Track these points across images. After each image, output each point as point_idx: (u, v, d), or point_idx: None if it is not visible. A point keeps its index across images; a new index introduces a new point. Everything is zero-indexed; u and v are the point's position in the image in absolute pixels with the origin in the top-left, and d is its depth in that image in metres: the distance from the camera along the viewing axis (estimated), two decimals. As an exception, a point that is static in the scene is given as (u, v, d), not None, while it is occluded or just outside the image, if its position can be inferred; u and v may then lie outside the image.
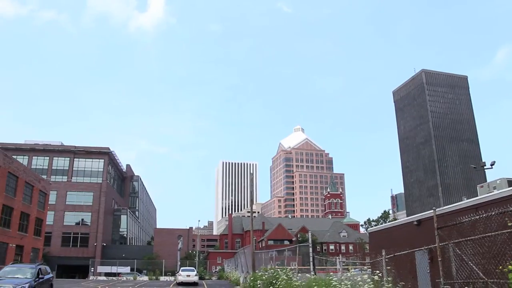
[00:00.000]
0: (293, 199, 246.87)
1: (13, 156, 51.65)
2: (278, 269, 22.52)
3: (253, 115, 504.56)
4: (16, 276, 20.05)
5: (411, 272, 15.59)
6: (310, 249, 18.80)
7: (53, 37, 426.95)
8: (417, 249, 14.59)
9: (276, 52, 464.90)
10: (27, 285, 19.04)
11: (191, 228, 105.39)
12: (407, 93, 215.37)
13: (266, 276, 23.66)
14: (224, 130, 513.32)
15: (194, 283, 39.06)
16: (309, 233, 21.21)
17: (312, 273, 18.59)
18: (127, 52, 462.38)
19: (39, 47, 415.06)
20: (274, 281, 21.98)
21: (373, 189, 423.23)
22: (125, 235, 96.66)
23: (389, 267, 14.18)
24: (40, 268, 21.65)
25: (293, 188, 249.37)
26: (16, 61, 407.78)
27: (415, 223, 17.24)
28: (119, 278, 54.70)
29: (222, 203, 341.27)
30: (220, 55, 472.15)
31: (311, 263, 18.49)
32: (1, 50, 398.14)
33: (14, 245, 44.00)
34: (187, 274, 39.52)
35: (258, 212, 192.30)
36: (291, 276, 20.32)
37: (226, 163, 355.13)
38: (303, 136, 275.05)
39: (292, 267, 22.50)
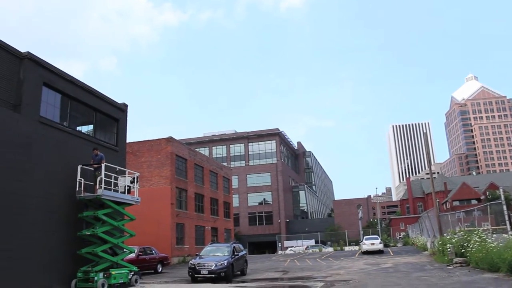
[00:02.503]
0: (476, 154, 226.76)
1: (196, 149, 57.13)
2: (469, 231, 21.14)
3: (415, 72, 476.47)
4: (216, 254, 22.30)
5: None
6: (504, 207, 17.25)
7: (214, 34, 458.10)
8: None
9: (425, 3, 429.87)
10: (225, 262, 21.04)
11: (369, 196, 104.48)
12: None
13: (455, 239, 22.39)
14: (387, 93, 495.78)
15: (379, 251, 38.72)
16: (500, 189, 19.42)
17: (510, 232, 17.03)
18: (282, 32, 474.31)
19: (204, 46, 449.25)
20: (465, 244, 20.70)
21: None
22: (305, 210, 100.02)
23: None
24: (234, 246, 23.69)
25: (473, 142, 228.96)
26: (187, 63, 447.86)
27: None
28: (305, 251, 56.87)
29: (398, 167, 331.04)
30: (368, 17, 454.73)
31: (507, 222, 16.95)
32: (173, 56, 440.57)
33: (209, 228, 48.94)
34: (371, 243, 39.34)
35: (438, 173, 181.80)
36: (484, 237, 18.90)
37: (396, 126, 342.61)
38: (477, 85, 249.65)
39: (485, 228, 20.88)
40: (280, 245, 71.07)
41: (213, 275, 20.41)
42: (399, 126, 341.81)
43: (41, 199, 16.57)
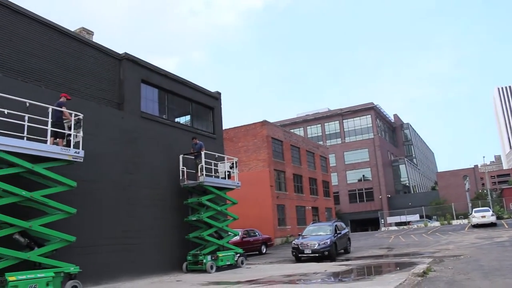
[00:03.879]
0: None
1: (290, 130, 57.37)
2: None
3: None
4: (319, 234, 22.42)
5: None
6: None
7: (299, 12, 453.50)
8: None
9: None
10: (328, 240, 21.09)
11: (476, 166, 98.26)
12: None
13: None
14: (489, 54, 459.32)
15: (492, 224, 36.58)
16: None
17: None
18: (370, 2, 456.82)
19: (290, 26, 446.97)
20: None
21: None
22: (407, 184, 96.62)
23: None
24: (336, 225, 23.65)
25: None
26: (274, 45, 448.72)
27: None
28: (410, 226, 55.11)
29: (507, 133, 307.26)
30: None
31: None
32: (260, 39, 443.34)
33: (310, 207, 49.14)
34: (482, 215, 37.23)
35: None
36: None
37: (502, 88, 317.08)
38: None
39: None
40: (383, 222, 69.53)
41: (317, 254, 20.59)
42: (506, 87, 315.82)
43: (150, 189, 17.70)
